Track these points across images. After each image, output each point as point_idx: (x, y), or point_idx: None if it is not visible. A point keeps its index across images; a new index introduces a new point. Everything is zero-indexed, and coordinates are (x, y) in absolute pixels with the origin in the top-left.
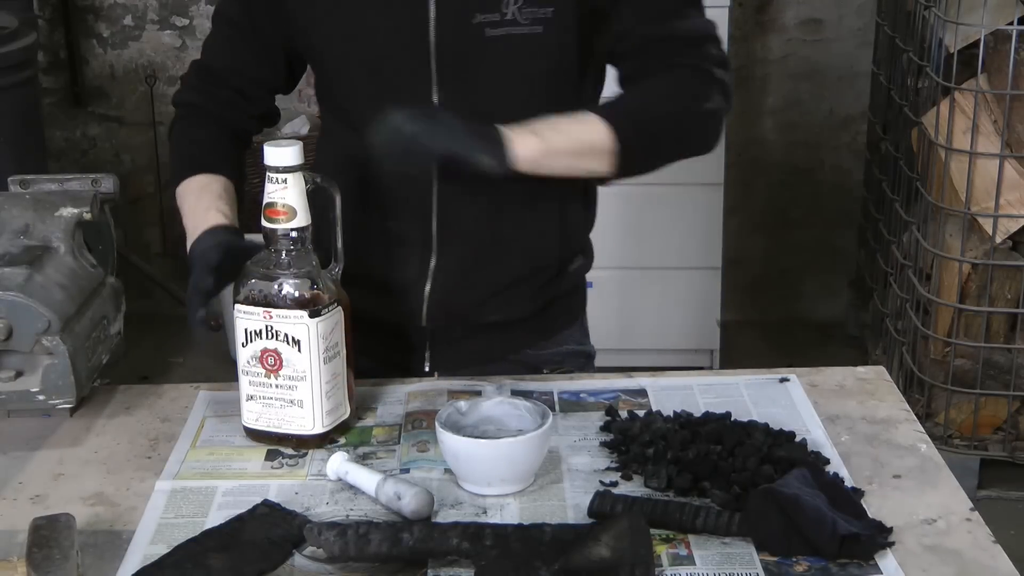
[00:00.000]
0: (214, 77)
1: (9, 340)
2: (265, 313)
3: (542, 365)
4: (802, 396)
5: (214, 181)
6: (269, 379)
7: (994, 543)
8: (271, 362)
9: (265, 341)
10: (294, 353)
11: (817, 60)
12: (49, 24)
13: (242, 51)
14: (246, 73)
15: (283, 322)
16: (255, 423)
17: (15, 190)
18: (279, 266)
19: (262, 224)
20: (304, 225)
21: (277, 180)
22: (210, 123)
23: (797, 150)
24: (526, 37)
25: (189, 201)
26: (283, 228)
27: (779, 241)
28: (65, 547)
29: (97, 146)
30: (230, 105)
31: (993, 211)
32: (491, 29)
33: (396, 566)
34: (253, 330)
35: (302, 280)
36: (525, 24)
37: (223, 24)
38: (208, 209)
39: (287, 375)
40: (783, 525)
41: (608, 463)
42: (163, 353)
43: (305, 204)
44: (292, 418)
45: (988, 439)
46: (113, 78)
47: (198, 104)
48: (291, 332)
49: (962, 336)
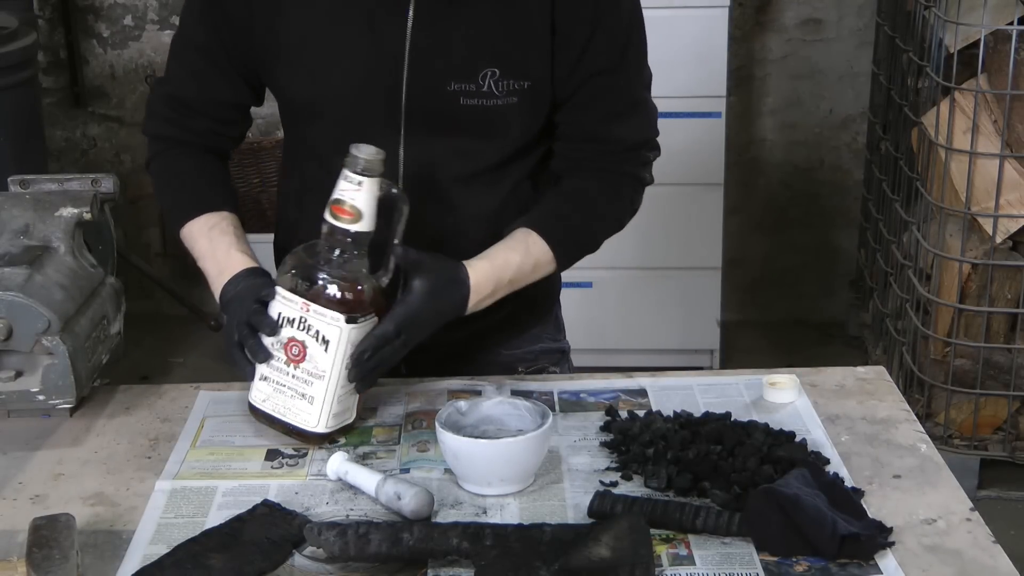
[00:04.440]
0: (188, 109)
1: (9, 340)
2: (304, 305)
3: (516, 363)
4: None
5: (222, 220)
6: (288, 367)
7: (994, 543)
8: (295, 352)
9: (295, 331)
10: (320, 351)
11: (817, 60)
12: (49, 24)
13: (214, 79)
14: (221, 100)
15: (318, 319)
16: (261, 403)
17: (15, 190)
18: (329, 264)
19: (325, 217)
20: (366, 231)
21: (352, 181)
22: (193, 154)
23: (797, 150)
24: (500, 108)
25: (201, 244)
26: (344, 227)
27: (779, 241)
28: (65, 547)
29: (97, 146)
30: (209, 134)
31: (993, 211)
32: (466, 99)
33: (396, 566)
34: (287, 316)
35: (348, 284)
36: (500, 96)
37: (190, 52)
38: (229, 250)
39: (307, 369)
40: (783, 525)
41: (608, 463)
42: (163, 353)
43: (373, 211)
44: (299, 410)
45: (988, 439)
46: (113, 78)
47: (175, 137)
48: (323, 331)
49: (962, 336)
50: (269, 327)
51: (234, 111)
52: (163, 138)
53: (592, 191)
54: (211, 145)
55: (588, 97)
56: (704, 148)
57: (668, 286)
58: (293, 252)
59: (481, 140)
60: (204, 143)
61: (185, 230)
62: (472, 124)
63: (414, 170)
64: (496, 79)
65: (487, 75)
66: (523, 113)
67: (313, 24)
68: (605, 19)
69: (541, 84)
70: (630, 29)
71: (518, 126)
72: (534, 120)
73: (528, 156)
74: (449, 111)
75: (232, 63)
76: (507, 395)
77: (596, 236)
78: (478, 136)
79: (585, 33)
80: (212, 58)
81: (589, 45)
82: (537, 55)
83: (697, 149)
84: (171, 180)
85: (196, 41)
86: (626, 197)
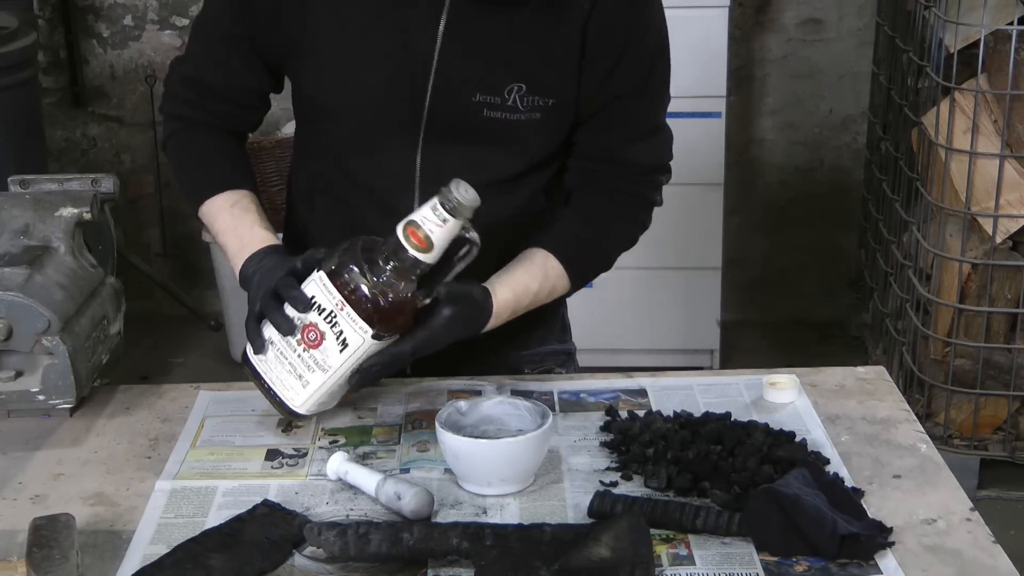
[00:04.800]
0: (209, 92)
1: (9, 340)
2: (341, 303)
3: (522, 365)
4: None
5: (243, 197)
6: (299, 347)
7: (994, 543)
8: (312, 337)
9: (321, 320)
10: (336, 350)
11: (817, 60)
12: (49, 24)
13: (237, 66)
14: (243, 86)
15: (348, 322)
16: (256, 363)
17: (15, 190)
18: (380, 274)
19: (396, 231)
20: (429, 263)
21: (439, 214)
22: (213, 133)
23: (797, 150)
24: (523, 122)
25: (223, 219)
26: (412, 254)
27: (779, 241)
28: (65, 547)
29: (97, 146)
30: (229, 117)
31: (993, 211)
32: (490, 111)
33: (396, 566)
34: (319, 304)
35: (391, 303)
36: (524, 111)
37: (214, 37)
38: (252, 226)
39: (316, 357)
40: (783, 525)
41: (608, 463)
42: (163, 353)
43: (444, 248)
44: (290, 387)
45: (988, 439)
46: (113, 78)
47: (195, 119)
48: (348, 335)
49: (962, 336)
50: (302, 303)
51: (255, 97)
52: (182, 118)
53: (607, 212)
54: (230, 127)
55: (608, 119)
56: (704, 148)
57: (668, 286)
58: (352, 242)
59: (499, 152)
60: (224, 125)
61: (206, 207)
62: (492, 136)
63: (429, 175)
64: (522, 94)
65: (513, 90)
66: (544, 129)
67: (342, 24)
68: (634, 44)
69: (565, 102)
70: (656, 56)
71: (537, 141)
72: (554, 137)
73: (544, 169)
74: (471, 122)
75: (256, 51)
76: (507, 395)
77: (610, 257)
78: (496, 148)
79: (613, 56)
80: (236, 45)
81: (616, 68)
82: (564, 74)
83: (697, 149)
84: (192, 158)
85: (221, 26)
86: (639, 219)
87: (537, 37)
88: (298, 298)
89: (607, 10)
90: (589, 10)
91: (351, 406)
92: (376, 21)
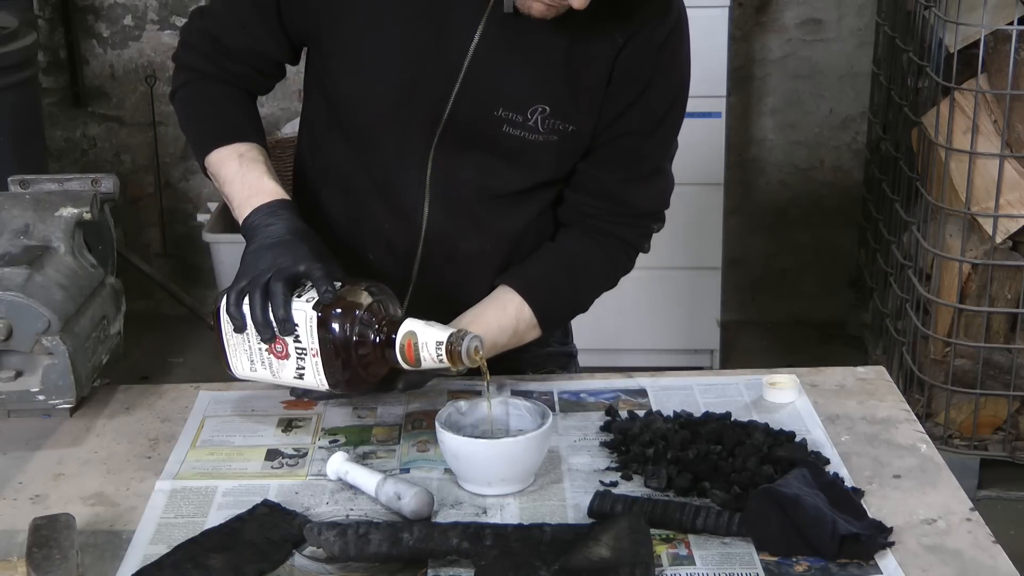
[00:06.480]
0: (229, 53)
1: (9, 340)
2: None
3: (524, 368)
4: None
5: (252, 149)
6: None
7: (994, 543)
8: (279, 349)
9: (293, 346)
10: (291, 372)
11: (817, 60)
12: (49, 24)
13: (262, 34)
14: (262, 53)
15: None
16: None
17: (15, 190)
18: (361, 349)
19: (397, 335)
20: (408, 371)
21: (439, 352)
22: (226, 86)
23: (797, 150)
24: (539, 144)
25: (230, 167)
26: (397, 357)
27: (779, 241)
28: (65, 547)
29: (97, 146)
30: (244, 78)
31: (993, 211)
32: (509, 127)
33: (396, 566)
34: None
35: (355, 376)
36: (543, 132)
37: (243, 4)
38: (261, 177)
39: (272, 362)
40: (783, 525)
41: (608, 463)
42: (163, 353)
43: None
44: (240, 360)
45: (988, 439)
46: (113, 78)
47: (210, 73)
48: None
49: (962, 336)
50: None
51: (272, 65)
52: (196, 70)
53: (590, 257)
54: (244, 87)
55: (614, 153)
56: (704, 148)
57: (668, 286)
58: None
59: (511, 167)
60: (237, 83)
61: (213, 155)
62: (507, 151)
63: (440, 177)
64: (544, 116)
65: (537, 111)
66: (559, 153)
67: (378, 13)
68: (657, 82)
69: (584, 131)
70: (675, 100)
71: (550, 163)
72: (566, 162)
73: (555, 186)
74: (489, 134)
75: (282, 22)
76: (507, 395)
77: (586, 304)
78: (508, 162)
79: (635, 93)
80: (262, 11)
81: (633, 104)
82: (589, 102)
83: (697, 149)
84: (202, 107)
85: None
86: (621, 265)
87: (570, 63)
88: (283, 321)
89: (639, 46)
90: (622, 44)
91: (351, 406)
92: (414, 17)
